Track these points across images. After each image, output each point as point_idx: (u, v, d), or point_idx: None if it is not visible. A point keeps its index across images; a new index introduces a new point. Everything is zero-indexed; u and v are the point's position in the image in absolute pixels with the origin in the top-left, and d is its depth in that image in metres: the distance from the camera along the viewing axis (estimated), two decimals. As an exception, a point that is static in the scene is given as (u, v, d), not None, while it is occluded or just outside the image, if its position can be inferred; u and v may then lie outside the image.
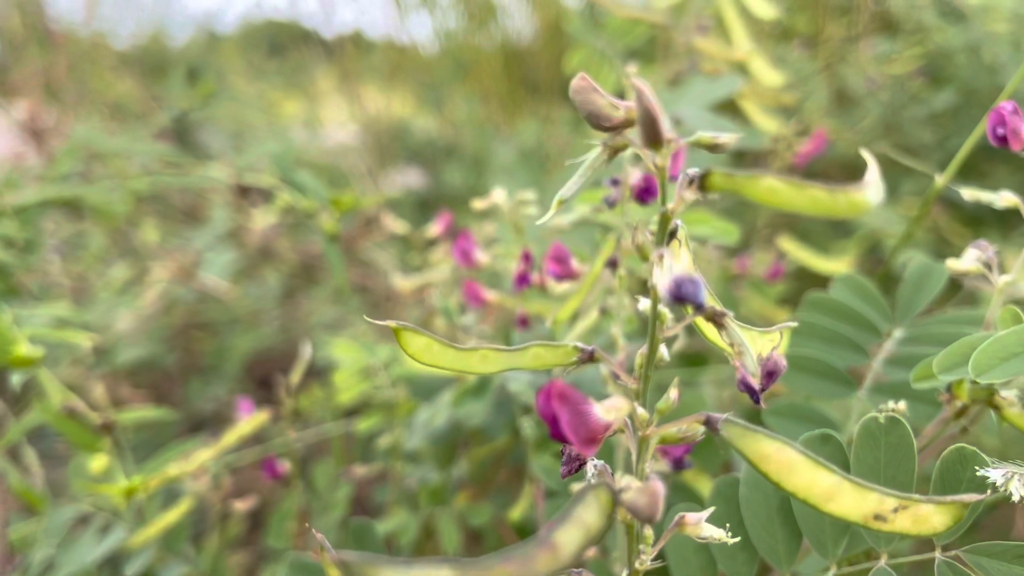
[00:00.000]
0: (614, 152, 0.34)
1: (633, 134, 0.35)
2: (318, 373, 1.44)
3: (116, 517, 0.97)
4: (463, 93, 2.95)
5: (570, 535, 0.29)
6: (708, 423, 0.35)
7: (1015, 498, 0.41)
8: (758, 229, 1.27)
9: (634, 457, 0.36)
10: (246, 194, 1.05)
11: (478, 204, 0.79)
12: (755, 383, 0.36)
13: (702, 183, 0.32)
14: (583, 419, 0.32)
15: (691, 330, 1.12)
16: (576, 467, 0.38)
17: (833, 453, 0.51)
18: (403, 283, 1.06)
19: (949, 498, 0.36)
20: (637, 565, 0.37)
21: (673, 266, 0.30)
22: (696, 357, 1.11)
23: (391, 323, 0.38)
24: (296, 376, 0.95)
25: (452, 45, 2.95)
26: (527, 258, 0.75)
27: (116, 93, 2.84)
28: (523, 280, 0.75)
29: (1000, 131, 0.57)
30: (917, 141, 1.72)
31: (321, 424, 1.16)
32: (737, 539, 0.39)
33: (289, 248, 2.33)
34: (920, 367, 0.55)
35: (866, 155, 0.31)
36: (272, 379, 1.31)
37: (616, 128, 0.34)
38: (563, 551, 0.29)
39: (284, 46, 3.18)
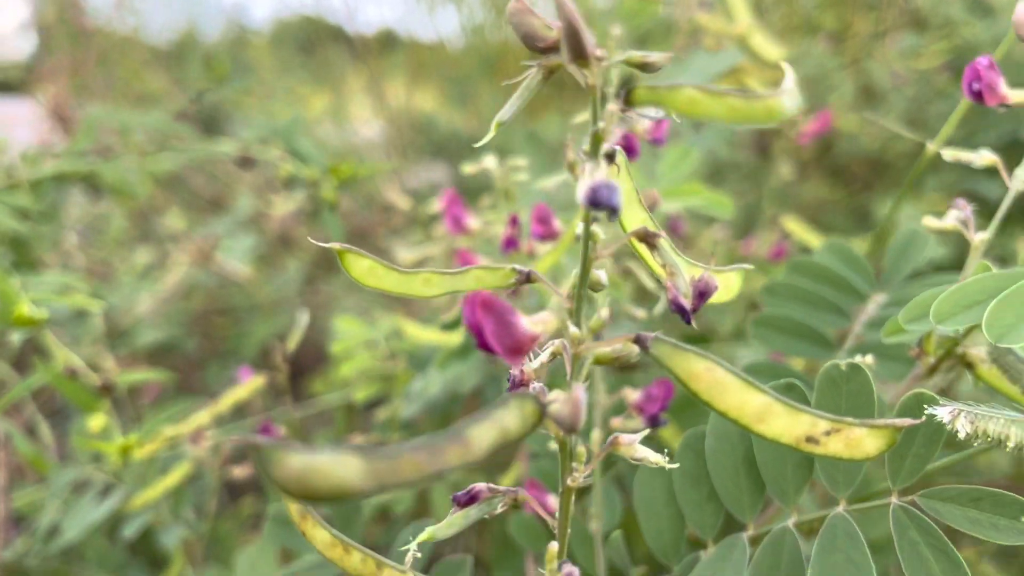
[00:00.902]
0: (549, 72, 0.35)
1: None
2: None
3: (117, 480, 0.99)
4: (488, 88, 2.96)
5: (484, 432, 0.30)
6: (639, 341, 0.36)
7: (960, 434, 0.41)
8: (763, 210, 1.27)
9: (569, 374, 0.37)
10: (247, 164, 1.07)
11: (468, 168, 0.80)
12: (686, 303, 0.36)
13: (627, 97, 0.33)
14: (509, 329, 0.32)
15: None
16: (517, 386, 0.38)
17: (796, 400, 0.51)
18: (405, 256, 1.07)
19: (881, 421, 0.36)
20: (569, 482, 0.38)
21: (594, 174, 0.31)
22: (699, 337, 1.11)
23: (336, 245, 0.39)
24: (292, 342, 0.96)
25: (478, 40, 2.96)
26: (514, 222, 0.75)
27: (145, 86, 2.88)
28: (510, 243, 0.76)
29: (975, 86, 0.57)
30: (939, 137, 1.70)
31: (324, 395, 1.18)
32: (676, 465, 0.39)
33: (308, 235, 2.35)
34: (890, 321, 0.55)
35: (785, 66, 0.32)
36: (294, 362, 1.33)
37: (551, 49, 0.34)
38: (475, 446, 0.29)
39: (314, 43, 3.21)
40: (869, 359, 0.56)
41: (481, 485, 0.40)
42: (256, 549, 0.82)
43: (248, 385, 0.94)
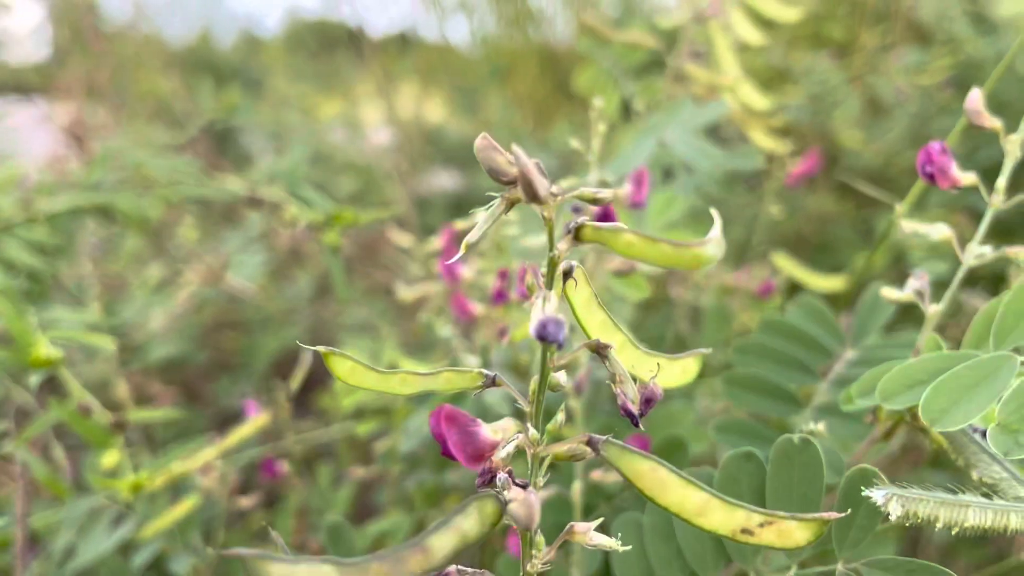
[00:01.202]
0: (510, 204, 0.39)
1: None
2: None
3: (128, 510, 1.04)
4: (498, 96, 2.99)
5: (444, 540, 0.34)
6: (591, 443, 0.40)
7: (892, 517, 0.45)
8: (753, 245, 1.30)
9: (529, 472, 0.41)
10: (257, 205, 1.11)
11: (459, 225, 0.84)
12: (634, 409, 0.40)
13: (576, 234, 0.37)
14: (470, 438, 0.37)
15: (681, 343, 1.15)
16: (488, 478, 0.42)
17: (754, 470, 0.55)
18: (405, 293, 1.11)
19: (810, 516, 0.40)
20: (529, 568, 0.42)
21: (544, 308, 0.35)
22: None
23: (322, 349, 0.43)
24: (295, 382, 1.00)
25: (489, 48, 2.99)
26: (503, 276, 0.79)
27: (160, 95, 2.92)
28: (500, 296, 0.80)
29: (928, 169, 0.61)
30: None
31: (328, 426, 1.22)
32: (629, 547, 0.43)
33: (318, 251, 2.39)
34: (844, 393, 0.59)
35: (714, 213, 0.36)
36: (305, 378, 1.37)
37: (513, 183, 0.38)
38: (435, 554, 0.34)
39: (325, 47, 3.25)
40: (822, 427, 0.59)
41: (451, 569, 0.44)
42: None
43: (252, 423, 0.99)
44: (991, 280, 1.06)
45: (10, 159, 2.67)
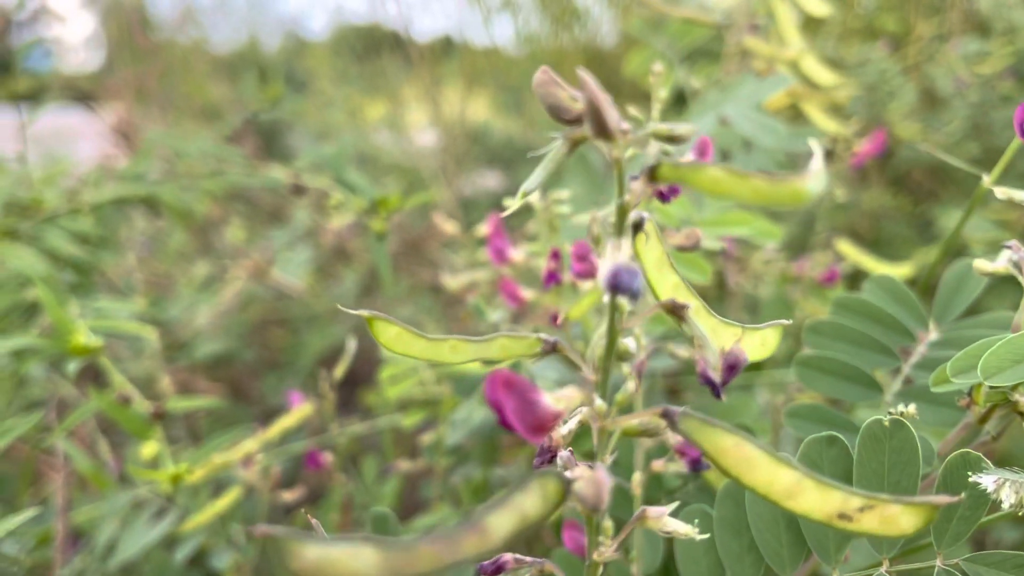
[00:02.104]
0: (574, 144, 0.35)
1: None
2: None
3: (170, 503, 1.01)
4: (543, 96, 2.95)
5: (502, 520, 0.30)
6: (666, 415, 0.35)
7: (1004, 505, 0.39)
8: (816, 232, 1.24)
9: (596, 447, 0.36)
10: (300, 192, 1.08)
11: (509, 203, 0.79)
12: (716, 376, 0.36)
13: (652, 174, 0.32)
14: (530, 407, 0.32)
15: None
16: (548, 458, 0.38)
17: (839, 455, 0.50)
18: (451, 281, 1.07)
19: (919, 499, 0.35)
20: (595, 557, 0.37)
21: (616, 256, 0.31)
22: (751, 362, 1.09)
23: (364, 312, 0.39)
24: (340, 370, 0.97)
25: (534, 48, 2.96)
26: (556, 256, 0.75)
27: (207, 97, 2.94)
28: (552, 278, 0.76)
29: (1028, 126, 0.55)
30: (1007, 143, 1.65)
31: (374, 418, 1.18)
32: (706, 536, 0.39)
33: (364, 248, 2.38)
34: (938, 371, 0.54)
35: (812, 144, 0.31)
36: (350, 373, 1.34)
37: (577, 120, 0.34)
38: (492, 535, 0.29)
39: (370, 51, 3.24)
40: (912, 409, 0.54)
41: (508, 556, 0.39)
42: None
43: (296, 413, 0.96)
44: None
45: (62, 160, 2.70)
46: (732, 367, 0.37)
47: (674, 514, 0.63)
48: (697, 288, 0.84)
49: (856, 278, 1.25)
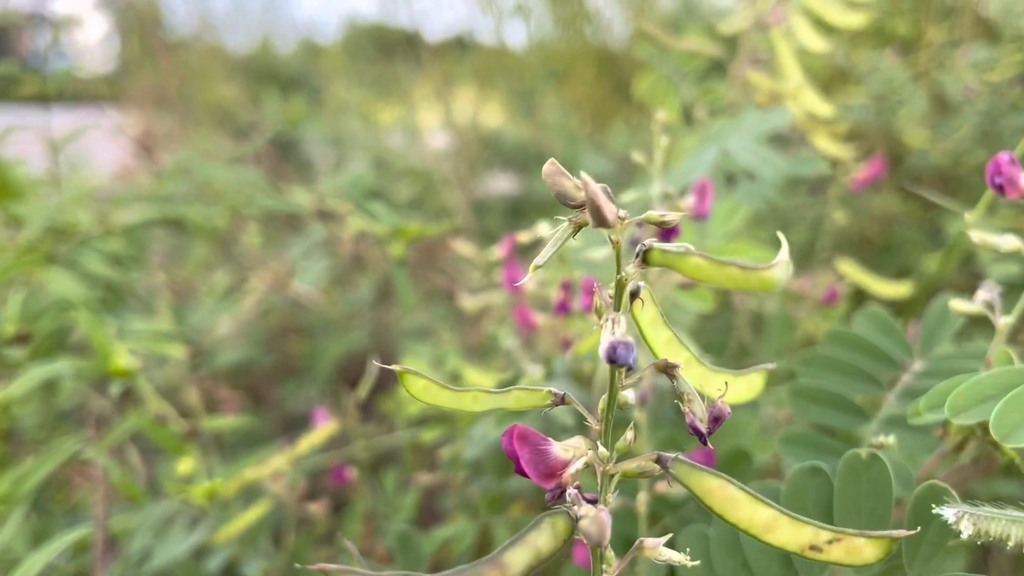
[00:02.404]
0: (578, 227, 0.40)
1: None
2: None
3: (202, 514, 1.07)
4: (555, 99, 3.00)
5: (519, 556, 0.35)
6: (659, 461, 0.41)
7: (963, 536, 0.45)
8: (817, 251, 1.29)
9: (599, 489, 0.42)
10: (327, 218, 1.14)
11: (523, 237, 0.85)
12: (702, 427, 0.41)
13: (644, 258, 0.38)
14: (542, 457, 0.38)
15: (744, 350, 1.15)
16: (559, 494, 0.43)
17: (821, 484, 0.55)
18: (468, 303, 1.13)
19: (879, 533, 0.40)
20: (600, 583, 0.43)
21: (614, 330, 0.36)
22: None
23: (397, 367, 0.44)
24: (363, 391, 1.02)
25: (546, 51, 3.00)
26: (566, 287, 0.80)
27: (223, 103, 2.98)
28: (563, 308, 0.81)
29: (997, 180, 0.60)
30: (1017, 151, 1.68)
31: (391, 430, 1.24)
32: (697, 563, 0.44)
33: (380, 257, 2.42)
34: (912, 406, 0.59)
35: (781, 237, 0.36)
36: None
37: (580, 206, 0.39)
38: (511, 570, 0.35)
39: (384, 52, 3.29)
40: (891, 440, 0.59)
41: None
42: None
43: (322, 431, 1.01)
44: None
45: (83, 168, 2.77)
46: (717, 419, 0.42)
47: (675, 533, 0.69)
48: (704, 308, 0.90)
49: (860, 295, 1.30)
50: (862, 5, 1.08)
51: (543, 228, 0.85)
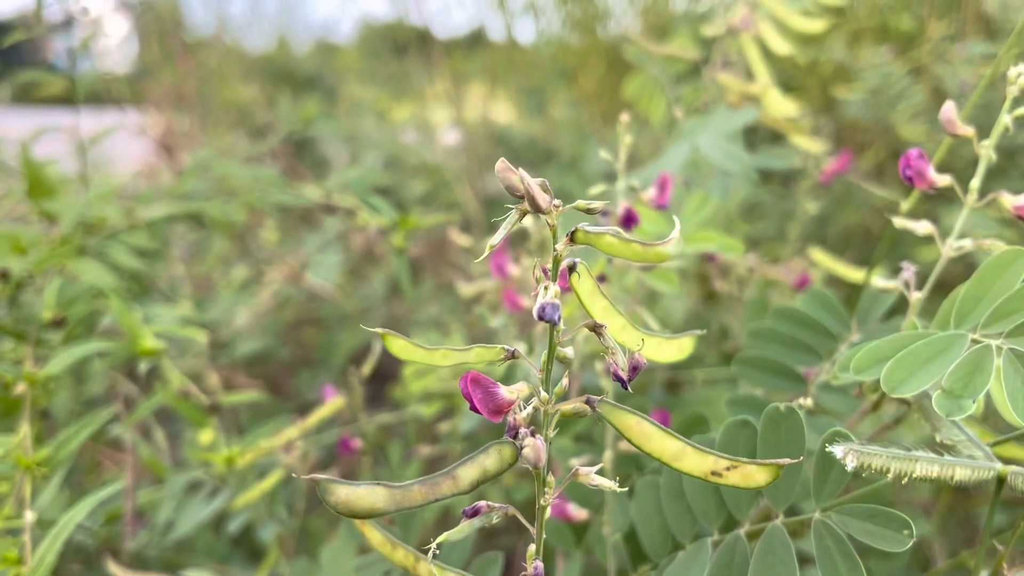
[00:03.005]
0: (522, 214, 0.49)
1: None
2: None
3: (222, 483, 1.17)
4: (565, 96, 3.08)
5: (470, 471, 0.45)
6: (588, 402, 0.50)
7: (848, 467, 0.54)
8: (791, 240, 1.38)
9: (543, 426, 0.51)
10: (333, 211, 1.23)
11: (506, 227, 0.94)
12: (623, 375, 0.50)
13: (572, 237, 0.47)
14: (491, 397, 0.47)
15: (725, 333, 1.24)
16: (513, 434, 0.53)
17: (750, 435, 0.64)
18: (465, 289, 1.22)
19: (768, 461, 0.49)
20: (542, 502, 0.52)
21: (544, 295, 0.45)
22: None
23: (380, 330, 0.54)
24: (368, 367, 1.12)
25: (556, 49, 3.08)
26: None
27: (241, 103, 3.07)
28: (500, 270, 0.91)
29: (908, 172, 0.69)
30: (1012, 143, 1.75)
31: (400, 410, 1.34)
32: (624, 490, 0.53)
33: (391, 251, 2.51)
34: (833, 370, 0.68)
35: (675, 220, 0.45)
36: (380, 370, 1.48)
37: (523, 197, 0.49)
38: (462, 481, 0.44)
39: (397, 50, 3.38)
40: (810, 401, 0.68)
41: (482, 503, 0.54)
42: (338, 544, 0.98)
43: (330, 405, 1.11)
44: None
45: (106, 166, 2.88)
46: (635, 368, 0.51)
47: (632, 484, 0.78)
48: (703, 294, 0.99)
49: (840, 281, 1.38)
50: (822, 14, 1.17)
51: (527, 220, 0.93)
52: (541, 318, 0.44)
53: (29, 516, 0.86)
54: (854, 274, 1.26)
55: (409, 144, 3.24)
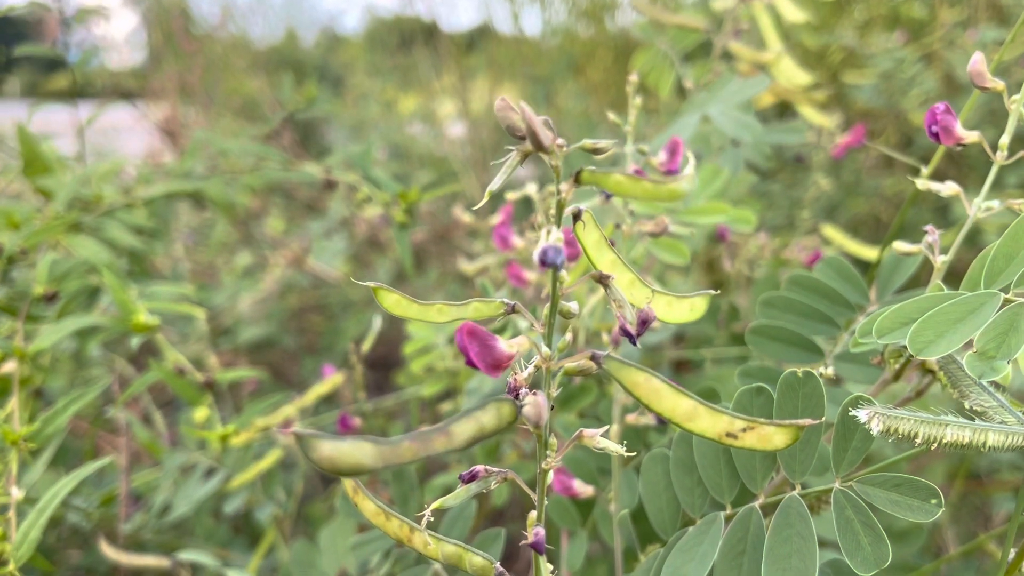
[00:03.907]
0: (524, 155, 0.46)
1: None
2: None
3: (218, 464, 1.14)
4: (573, 86, 3.05)
5: (465, 427, 0.41)
6: (594, 358, 0.46)
7: (873, 432, 0.50)
8: (802, 219, 1.34)
9: (544, 384, 0.48)
10: (332, 186, 1.20)
11: (510, 196, 0.91)
12: (632, 329, 0.47)
13: (576, 177, 0.44)
14: (489, 351, 0.44)
15: (735, 313, 1.20)
16: (516, 394, 0.49)
17: (764, 402, 0.61)
18: (467, 266, 1.19)
19: (787, 422, 0.46)
20: (544, 465, 0.49)
21: (547, 238, 0.42)
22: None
23: (372, 284, 0.50)
24: (367, 344, 1.09)
25: (563, 40, 3.05)
26: (507, 212, 0.86)
27: (246, 93, 3.06)
28: (502, 240, 0.87)
29: (934, 128, 0.66)
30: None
31: (402, 398, 1.31)
32: (632, 455, 0.50)
33: (395, 239, 2.48)
34: (857, 333, 0.65)
35: (689, 155, 0.42)
36: (384, 359, 1.45)
37: (525, 137, 0.45)
38: (456, 438, 0.41)
39: (403, 43, 3.36)
40: (830, 371, 0.65)
41: (479, 467, 0.51)
42: (336, 525, 0.95)
43: (328, 382, 1.08)
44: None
45: (111, 156, 2.86)
46: (644, 322, 0.48)
47: (639, 456, 0.75)
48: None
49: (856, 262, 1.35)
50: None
51: (530, 187, 0.90)
52: (543, 263, 0.41)
53: (15, 493, 0.83)
54: (867, 252, 1.22)
55: (415, 135, 3.22)
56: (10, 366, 0.96)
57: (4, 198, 1.49)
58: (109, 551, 1.05)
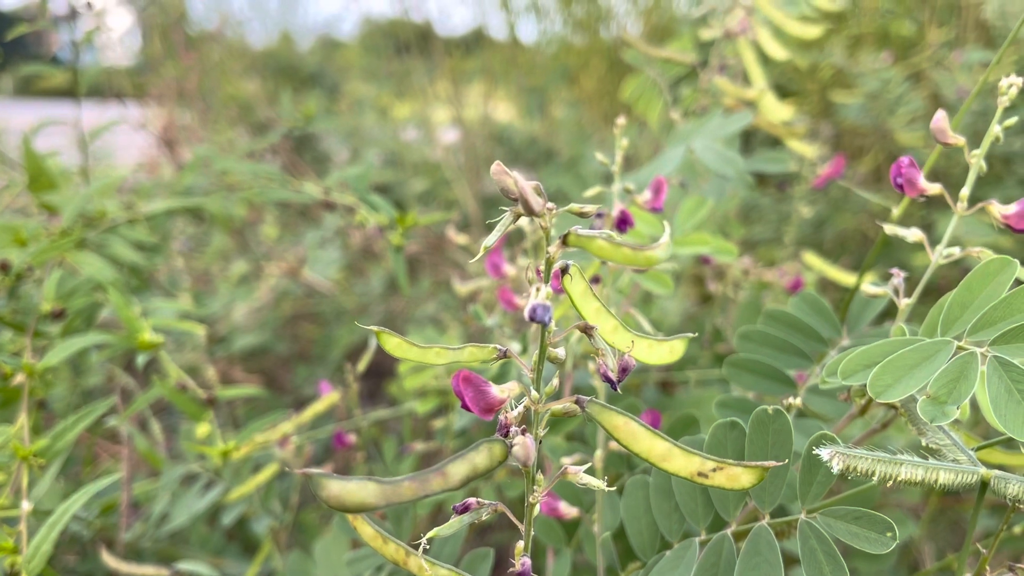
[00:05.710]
0: (517, 216, 0.50)
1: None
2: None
3: (217, 476, 1.18)
4: (566, 95, 3.09)
5: (459, 468, 0.45)
6: (578, 403, 0.51)
7: (834, 470, 0.55)
8: (788, 243, 1.39)
9: (533, 425, 0.52)
10: (330, 208, 1.24)
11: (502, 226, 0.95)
12: (613, 376, 0.51)
13: (564, 240, 0.48)
14: (482, 395, 0.48)
15: (719, 334, 1.25)
16: (505, 432, 0.54)
17: (738, 436, 0.65)
18: (460, 288, 1.23)
19: (753, 463, 0.50)
20: (531, 499, 0.53)
21: (536, 296, 0.46)
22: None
23: (374, 328, 0.55)
24: (363, 364, 1.13)
25: (557, 49, 3.09)
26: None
27: (243, 98, 3.08)
28: (495, 269, 0.92)
29: (899, 180, 0.70)
30: (1007, 149, 1.76)
31: (396, 406, 1.35)
32: (613, 489, 0.54)
33: (389, 248, 2.51)
34: (821, 374, 0.69)
35: (664, 225, 0.46)
36: (377, 366, 1.48)
37: (517, 200, 0.49)
38: (452, 478, 0.45)
39: (399, 49, 3.39)
40: (799, 402, 0.69)
41: (471, 500, 0.55)
42: (331, 538, 0.99)
43: (325, 400, 1.12)
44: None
45: (108, 159, 2.88)
46: (624, 369, 0.52)
47: (623, 483, 0.79)
48: (701, 295, 0.99)
49: (828, 285, 1.40)
50: (820, 19, 1.18)
51: (522, 220, 0.94)
52: (532, 319, 0.45)
53: (26, 506, 0.86)
54: (846, 278, 1.27)
55: (410, 142, 3.26)
56: (19, 380, 1.00)
57: (9, 212, 1.52)
58: (110, 560, 1.09)
